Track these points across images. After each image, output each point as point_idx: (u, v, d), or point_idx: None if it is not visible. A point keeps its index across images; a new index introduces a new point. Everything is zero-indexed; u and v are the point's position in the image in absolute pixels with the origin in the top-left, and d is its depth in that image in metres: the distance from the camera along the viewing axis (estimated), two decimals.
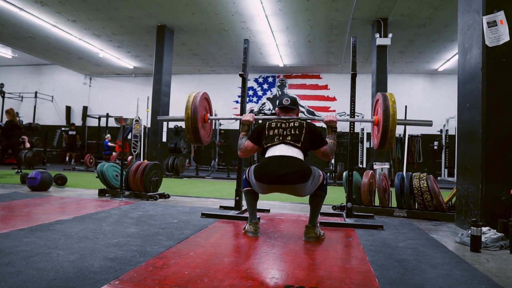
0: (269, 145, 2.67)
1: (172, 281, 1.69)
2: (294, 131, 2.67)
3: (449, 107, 11.76)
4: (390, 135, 2.83)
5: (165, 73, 9.57)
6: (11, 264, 1.82)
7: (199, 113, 3.08)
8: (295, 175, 2.46)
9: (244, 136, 2.91)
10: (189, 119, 3.04)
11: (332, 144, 2.75)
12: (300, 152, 2.62)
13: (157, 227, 2.90)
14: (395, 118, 2.79)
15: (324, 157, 2.75)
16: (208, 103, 3.36)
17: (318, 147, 2.72)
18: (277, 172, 2.47)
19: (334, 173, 8.76)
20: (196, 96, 3.11)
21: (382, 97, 2.91)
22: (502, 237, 2.55)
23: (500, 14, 2.92)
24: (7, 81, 14.75)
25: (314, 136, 2.71)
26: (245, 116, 2.97)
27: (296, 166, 2.49)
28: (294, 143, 2.62)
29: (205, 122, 3.26)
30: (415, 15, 8.09)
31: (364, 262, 2.11)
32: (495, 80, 2.97)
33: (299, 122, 2.73)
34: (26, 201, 4.04)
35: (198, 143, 3.20)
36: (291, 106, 2.92)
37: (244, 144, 2.84)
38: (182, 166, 9.27)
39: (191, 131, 3.07)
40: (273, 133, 2.70)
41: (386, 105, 2.84)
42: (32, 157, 9.42)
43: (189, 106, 3.05)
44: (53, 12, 8.62)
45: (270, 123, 2.78)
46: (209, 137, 3.42)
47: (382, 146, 2.95)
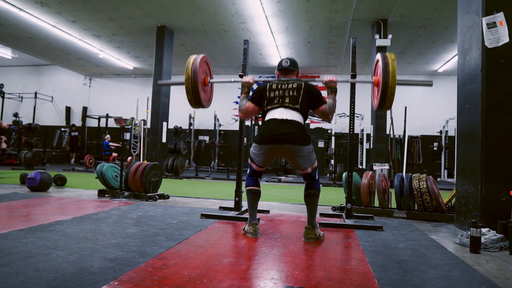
0: (269, 108, 2.72)
1: (172, 281, 1.69)
2: (292, 93, 2.70)
3: (448, 108, 11.77)
4: (390, 92, 2.79)
5: (165, 74, 9.56)
6: (10, 264, 1.82)
7: (199, 76, 3.06)
8: (294, 135, 2.56)
9: (244, 98, 2.93)
10: (189, 79, 3.00)
11: (331, 104, 2.76)
12: (299, 114, 2.67)
13: (156, 227, 2.89)
14: (395, 74, 2.77)
15: (324, 116, 2.77)
16: (208, 66, 3.32)
17: (316, 106, 2.75)
18: (276, 131, 2.57)
19: (334, 174, 8.75)
20: (196, 58, 3.08)
21: (382, 56, 2.90)
22: (501, 238, 2.55)
23: (499, 16, 2.93)
24: (6, 81, 14.73)
25: (312, 95, 2.73)
26: (245, 78, 3.00)
27: (295, 128, 2.59)
28: (293, 106, 2.66)
29: (206, 85, 3.23)
30: (414, 16, 8.10)
31: (363, 263, 2.11)
32: (495, 81, 2.97)
33: (297, 83, 2.75)
34: (25, 201, 4.04)
35: (198, 105, 3.17)
36: (291, 68, 2.91)
37: (245, 105, 2.86)
38: (182, 167, 9.27)
39: (191, 91, 3.03)
40: (273, 95, 2.74)
41: (386, 62, 2.82)
42: (32, 158, 9.41)
43: (189, 67, 3.02)
44: (53, 12, 8.63)
45: (271, 85, 2.80)
46: (210, 101, 3.39)
47: (382, 105, 2.90)
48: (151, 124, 9.55)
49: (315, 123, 13.15)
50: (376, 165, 7.14)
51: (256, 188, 2.80)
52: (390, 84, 2.76)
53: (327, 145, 10.99)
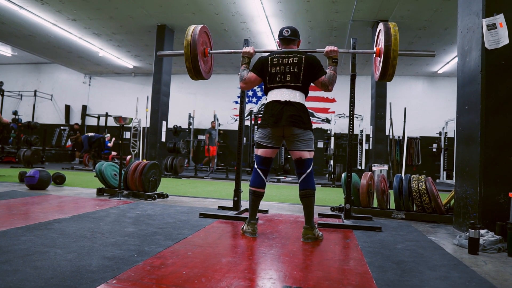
0: (272, 86, 2.76)
1: (170, 280, 1.69)
2: (293, 69, 2.71)
3: (448, 109, 11.78)
4: (392, 56, 2.76)
5: (164, 73, 9.56)
6: (9, 262, 1.81)
7: (199, 45, 3.02)
8: (296, 118, 2.63)
9: (245, 68, 2.92)
10: (188, 46, 2.97)
11: (331, 75, 2.75)
12: (301, 93, 2.73)
13: (155, 226, 2.89)
14: (397, 38, 2.74)
15: (323, 87, 2.76)
16: (208, 37, 3.28)
17: (316, 78, 2.75)
18: (279, 114, 2.64)
19: (333, 175, 8.75)
20: (196, 27, 3.05)
21: (383, 24, 2.87)
22: (500, 240, 2.55)
23: (499, 17, 2.93)
24: (6, 79, 14.72)
25: (312, 67, 2.73)
26: (246, 48, 2.99)
27: (297, 110, 2.65)
28: (295, 84, 2.70)
29: (205, 56, 3.19)
30: (415, 18, 8.11)
31: (362, 264, 2.11)
32: (494, 83, 2.97)
33: (298, 57, 2.73)
34: (24, 199, 4.04)
35: (197, 76, 3.12)
36: (292, 37, 2.88)
37: (247, 76, 2.86)
38: (181, 166, 9.26)
39: (190, 58, 2.99)
40: (275, 71, 2.75)
41: (388, 27, 2.80)
42: (31, 156, 9.40)
43: (189, 34, 2.98)
44: (53, 10, 8.62)
45: (272, 58, 2.78)
46: (210, 72, 3.35)
47: (384, 73, 2.85)
48: (150, 123, 9.55)
49: (315, 124, 13.14)
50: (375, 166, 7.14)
51: (260, 190, 2.77)
52: (393, 47, 2.74)
53: (326, 145, 11.00)
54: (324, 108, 13.38)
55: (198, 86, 14.09)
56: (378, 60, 3.01)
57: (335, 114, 12.22)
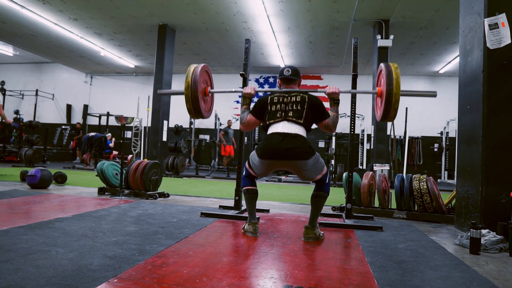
0: (272, 122, 2.68)
1: (171, 280, 1.69)
2: (296, 107, 2.66)
3: (449, 109, 11.76)
4: (394, 100, 2.73)
5: (166, 73, 9.57)
6: (10, 261, 1.82)
7: (200, 85, 3.03)
8: (297, 150, 2.50)
9: (246, 109, 2.90)
10: (189, 88, 2.98)
11: (334, 117, 2.73)
12: (302, 128, 2.63)
13: (156, 226, 2.89)
14: (399, 81, 2.73)
15: (327, 129, 2.74)
16: (209, 76, 3.29)
17: (320, 120, 2.72)
18: (279, 147, 2.52)
19: (334, 174, 8.75)
20: (197, 67, 3.05)
21: (385, 65, 2.86)
22: (501, 240, 2.55)
23: (501, 17, 2.92)
24: (8, 78, 14.75)
25: (316, 109, 2.70)
26: (246, 88, 2.95)
27: (298, 142, 2.53)
28: (296, 120, 2.62)
29: (206, 96, 3.20)
30: (416, 17, 8.10)
31: (363, 263, 2.11)
32: (496, 83, 2.97)
33: (301, 96, 2.70)
34: (25, 198, 4.04)
35: (198, 115, 3.12)
36: (293, 77, 2.87)
37: (247, 118, 2.83)
38: (182, 166, 9.27)
39: (191, 101, 3.00)
40: (275, 109, 2.69)
41: (389, 70, 2.78)
42: (32, 155, 9.41)
43: (190, 75, 2.99)
44: (54, 10, 8.63)
45: (272, 97, 2.74)
46: (210, 111, 3.34)
47: (386, 115, 2.83)
48: (152, 122, 9.56)
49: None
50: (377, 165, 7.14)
51: (253, 188, 2.79)
52: (395, 90, 2.71)
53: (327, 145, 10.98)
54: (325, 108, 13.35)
55: None
56: (380, 100, 2.99)
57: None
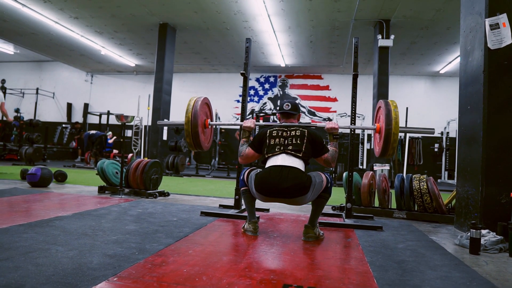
0: (270, 155, 2.66)
1: (171, 278, 1.69)
2: (296, 140, 2.66)
3: (450, 109, 11.75)
4: (393, 139, 2.75)
5: (166, 72, 9.57)
6: (10, 259, 1.82)
7: (200, 118, 3.05)
8: (295, 188, 2.45)
9: (245, 142, 2.89)
10: (189, 123, 3.00)
11: (333, 152, 2.73)
12: (301, 162, 2.61)
13: (156, 224, 2.90)
14: (398, 121, 2.74)
15: (326, 164, 2.73)
16: (209, 108, 3.32)
17: (319, 155, 2.71)
18: (277, 185, 2.46)
19: (334, 174, 8.75)
20: (197, 100, 3.08)
21: (384, 103, 2.89)
22: (501, 240, 2.55)
23: (503, 17, 2.92)
24: (8, 77, 14.75)
25: (315, 144, 2.69)
26: (246, 122, 2.95)
27: (296, 179, 2.46)
28: (295, 153, 2.60)
29: (206, 128, 3.22)
30: (417, 17, 8.09)
31: (363, 263, 2.11)
32: (497, 83, 2.97)
33: (301, 130, 2.71)
34: (25, 197, 4.05)
35: (198, 148, 3.14)
36: (292, 112, 2.88)
37: (245, 152, 2.82)
38: (182, 165, 9.27)
39: (191, 135, 3.03)
40: (274, 142, 2.68)
41: (388, 109, 2.80)
42: (33, 153, 9.42)
43: (190, 110, 3.01)
44: (55, 8, 8.63)
45: (272, 131, 2.75)
46: (209, 142, 3.38)
47: (384, 152, 2.86)
48: (152, 121, 9.56)
49: (316, 123, 13.12)
50: (377, 165, 7.14)
51: None
52: (393, 130, 2.73)
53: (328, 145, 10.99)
54: (325, 107, 13.37)
55: (200, 85, 14.09)
56: (378, 136, 3.01)
57: (337, 113, 12.22)
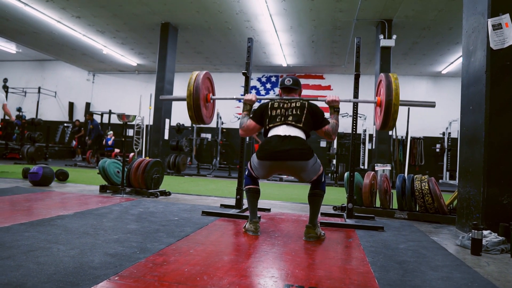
0: (271, 126, 2.70)
1: (172, 278, 1.69)
2: (296, 111, 2.69)
3: (452, 109, 11.72)
4: (393, 110, 2.77)
5: (168, 71, 9.57)
6: (12, 257, 1.82)
7: (201, 92, 3.06)
8: (297, 151, 2.52)
9: (246, 115, 2.93)
10: (191, 96, 3.02)
11: (334, 124, 2.76)
12: (302, 132, 2.65)
13: (157, 224, 2.90)
14: (398, 92, 2.76)
15: (327, 136, 2.76)
16: (211, 83, 3.32)
17: (320, 127, 2.75)
18: (279, 147, 2.53)
19: (336, 174, 8.75)
20: (199, 74, 3.09)
21: (385, 75, 2.90)
22: (503, 241, 2.54)
23: (505, 17, 2.91)
24: (10, 76, 14.80)
25: (316, 116, 2.73)
26: (248, 95, 2.99)
27: (297, 144, 2.55)
28: (295, 124, 2.65)
29: (207, 102, 3.23)
30: (419, 17, 8.07)
31: (364, 263, 2.11)
32: (499, 83, 2.96)
33: (301, 102, 2.74)
34: (27, 195, 4.05)
35: (199, 122, 3.16)
36: (293, 87, 2.91)
37: (246, 123, 2.85)
38: (184, 164, 9.27)
39: (193, 108, 3.04)
40: (275, 113, 2.72)
41: (389, 81, 2.81)
42: (34, 152, 9.44)
43: (192, 83, 3.03)
44: (58, 8, 8.64)
45: (273, 103, 2.78)
46: (211, 117, 3.39)
47: (385, 124, 2.86)
48: (153, 121, 9.57)
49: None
50: (378, 165, 7.14)
51: (255, 187, 2.79)
52: (394, 101, 2.75)
53: (329, 145, 10.98)
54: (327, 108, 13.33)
55: None
56: (379, 110, 3.03)
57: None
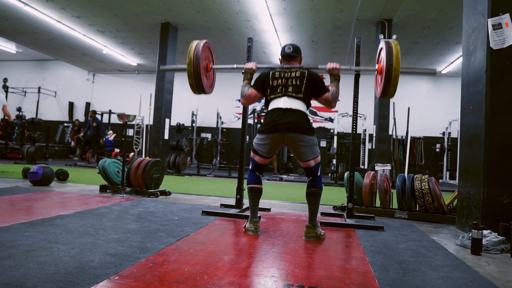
0: (272, 97, 2.72)
1: (172, 277, 1.69)
2: (295, 81, 2.70)
3: (452, 109, 11.73)
4: (394, 75, 2.75)
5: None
6: (12, 257, 1.82)
7: (202, 60, 3.05)
8: (298, 124, 2.57)
9: (247, 84, 2.93)
10: (191, 63, 3.01)
11: (334, 92, 2.76)
12: (302, 103, 2.67)
13: (157, 223, 2.90)
14: (399, 57, 2.74)
15: (327, 104, 2.76)
16: (211, 52, 3.30)
17: (319, 95, 2.76)
18: (281, 120, 2.58)
19: (336, 174, 8.74)
20: (199, 43, 3.07)
21: (385, 42, 2.88)
22: (503, 241, 2.54)
23: (505, 17, 2.91)
24: (10, 76, 14.79)
25: (315, 84, 2.74)
26: (248, 64, 3.00)
27: (299, 117, 2.60)
28: (296, 95, 2.67)
29: (208, 71, 3.22)
30: (419, 17, 8.07)
31: (364, 263, 2.11)
32: (499, 83, 2.96)
33: (301, 71, 2.75)
34: (27, 195, 4.05)
35: (200, 91, 3.15)
36: (294, 54, 2.89)
37: (248, 92, 2.86)
38: (184, 164, 9.27)
39: (193, 76, 3.03)
40: (276, 84, 2.73)
41: (390, 46, 2.80)
42: (34, 152, 9.44)
43: (192, 51, 3.01)
44: (57, 7, 8.64)
45: (274, 72, 2.79)
46: (212, 87, 3.37)
47: (386, 91, 2.85)
48: (153, 120, 9.56)
49: (318, 122, 13.12)
50: (378, 165, 7.13)
51: (258, 186, 2.79)
52: (395, 66, 2.74)
53: (329, 144, 10.98)
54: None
55: None
56: (380, 77, 3.01)
57: (338, 113, 12.19)
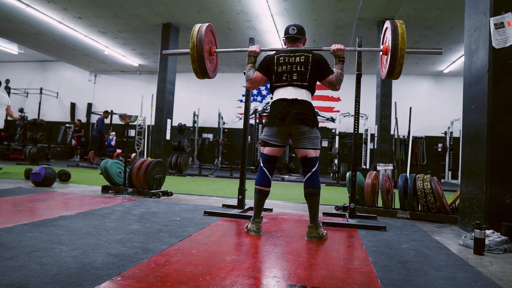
0: (278, 85, 2.75)
1: (174, 278, 1.69)
2: (300, 68, 2.71)
3: (454, 109, 11.70)
4: (399, 55, 2.74)
5: (169, 71, 9.57)
6: (15, 258, 1.83)
7: (205, 44, 3.04)
8: (303, 115, 2.61)
9: (251, 67, 2.93)
10: (194, 48, 2.98)
11: (338, 74, 2.75)
12: (307, 92, 2.71)
13: (159, 224, 2.90)
14: (404, 36, 2.73)
15: (331, 87, 2.76)
16: (214, 36, 3.30)
17: (324, 77, 2.75)
18: (286, 112, 2.62)
19: (337, 174, 8.73)
20: (202, 26, 3.06)
21: (390, 22, 2.86)
22: (506, 240, 2.54)
23: (507, 16, 2.90)
24: (12, 77, 14.82)
25: (320, 66, 2.74)
26: (252, 47, 2.99)
27: (305, 109, 2.64)
28: (301, 83, 2.69)
29: (211, 55, 3.22)
30: (421, 17, 8.05)
31: (366, 263, 2.11)
32: (502, 82, 2.95)
33: (305, 56, 2.74)
34: (29, 196, 4.06)
35: (204, 75, 3.14)
36: (298, 36, 2.87)
37: (253, 75, 2.86)
38: (185, 164, 9.28)
39: (197, 60, 3.01)
40: (282, 70, 2.75)
41: (395, 25, 2.78)
42: (37, 153, 9.46)
43: (195, 35, 2.99)
44: (59, 8, 8.66)
45: (279, 57, 2.78)
46: (215, 71, 3.36)
47: (391, 71, 2.83)
48: (155, 121, 9.58)
49: (320, 122, 13.08)
50: (380, 165, 7.12)
51: (266, 189, 2.76)
52: (400, 45, 2.72)
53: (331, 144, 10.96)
54: (329, 107, 13.34)
55: (203, 84, 14.09)
56: (385, 58, 2.98)
57: (340, 113, 12.18)
